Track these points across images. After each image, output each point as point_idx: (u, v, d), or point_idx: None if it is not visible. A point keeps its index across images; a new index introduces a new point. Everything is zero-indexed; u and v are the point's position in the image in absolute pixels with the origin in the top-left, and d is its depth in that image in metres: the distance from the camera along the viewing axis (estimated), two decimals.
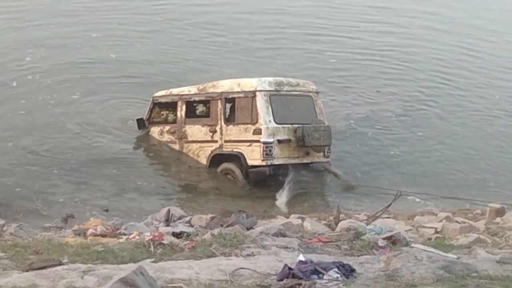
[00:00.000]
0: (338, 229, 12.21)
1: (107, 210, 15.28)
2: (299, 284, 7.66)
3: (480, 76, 27.11)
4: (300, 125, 17.75)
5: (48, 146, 18.16)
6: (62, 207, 15.29)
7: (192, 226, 12.70)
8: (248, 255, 9.23)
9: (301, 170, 17.98)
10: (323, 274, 8.03)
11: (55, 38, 24.95)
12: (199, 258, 8.98)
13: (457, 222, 13.71)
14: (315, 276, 7.98)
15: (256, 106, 17.51)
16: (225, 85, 18.33)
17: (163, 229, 11.90)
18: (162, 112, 19.78)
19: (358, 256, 9.50)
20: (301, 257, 8.63)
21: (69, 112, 20.12)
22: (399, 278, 8.17)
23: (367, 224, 12.66)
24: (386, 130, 21.76)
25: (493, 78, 27.08)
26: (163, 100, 19.57)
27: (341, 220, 13.08)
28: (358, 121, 21.93)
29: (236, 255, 9.20)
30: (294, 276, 7.89)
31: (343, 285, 7.83)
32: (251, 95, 17.62)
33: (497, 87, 26.30)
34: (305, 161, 18.19)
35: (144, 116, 19.68)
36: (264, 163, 17.40)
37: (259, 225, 12.41)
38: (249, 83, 17.96)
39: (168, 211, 13.67)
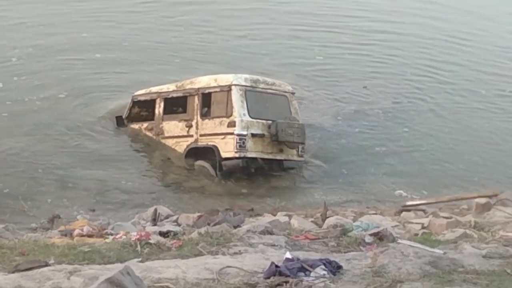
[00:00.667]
0: (325, 226, 12.25)
1: (93, 210, 15.25)
2: (286, 282, 7.66)
3: (468, 70, 27.24)
4: (274, 121, 17.95)
5: (33, 146, 18.09)
6: (48, 207, 15.24)
7: (179, 225, 12.71)
8: (235, 253, 9.21)
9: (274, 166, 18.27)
10: (310, 272, 8.03)
11: (41, 38, 24.85)
12: (186, 257, 8.96)
13: (443, 217, 13.75)
14: (302, 274, 7.98)
15: (231, 100, 17.79)
16: (202, 81, 18.59)
17: (150, 228, 11.89)
18: (141, 111, 19.94)
19: (345, 252, 9.51)
20: (288, 255, 8.62)
21: (55, 112, 20.05)
22: (386, 274, 8.18)
23: (354, 221, 12.69)
24: (373, 126, 21.81)
25: (481, 72, 27.22)
26: (142, 98, 19.75)
27: (328, 217, 13.11)
28: (345, 117, 21.97)
29: (223, 254, 9.18)
30: (281, 273, 7.88)
31: (330, 282, 7.83)
32: (227, 89, 17.91)
33: (485, 81, 26.42)
34: (278, 157, 18.41)
35: (124, 114, 19.72)
36: (237, 155, 17.60)
37: (246, 223, 12.43)
38: (225, 78, 18.24)
39: (155, 210, 13.66)
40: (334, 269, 8.26)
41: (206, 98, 18.36)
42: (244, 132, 17.63)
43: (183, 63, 24.01)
